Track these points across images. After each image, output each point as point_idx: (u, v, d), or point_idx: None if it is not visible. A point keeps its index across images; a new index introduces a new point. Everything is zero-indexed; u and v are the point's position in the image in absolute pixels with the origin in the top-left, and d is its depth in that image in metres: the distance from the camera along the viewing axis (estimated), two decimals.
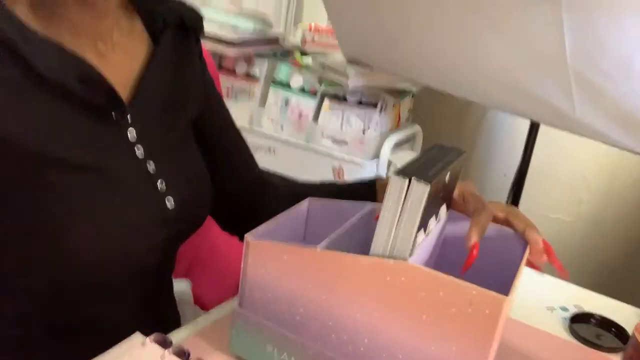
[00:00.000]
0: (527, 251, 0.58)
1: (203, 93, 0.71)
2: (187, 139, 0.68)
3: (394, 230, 0.47)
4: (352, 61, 1.49)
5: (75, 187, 0.52)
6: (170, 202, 0.60)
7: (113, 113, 0.56)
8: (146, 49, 0.63)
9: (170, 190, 0.61)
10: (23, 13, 0.53)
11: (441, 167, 0.50)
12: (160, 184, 0.60)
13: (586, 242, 1.72)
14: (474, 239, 0.54)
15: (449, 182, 0.55)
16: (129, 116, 0.58)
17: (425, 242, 0.53)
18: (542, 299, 0.79)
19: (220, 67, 1.71)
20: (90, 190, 0.53)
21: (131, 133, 0.58)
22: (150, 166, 0.59)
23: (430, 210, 0.52)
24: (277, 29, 1.79)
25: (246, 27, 1.62)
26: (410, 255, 0.49)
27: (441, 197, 0.56)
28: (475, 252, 0.53)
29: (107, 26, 0.58)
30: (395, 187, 0.47)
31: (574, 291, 0.83)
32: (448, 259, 0.61)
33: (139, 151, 0.59)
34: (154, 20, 0.64)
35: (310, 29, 1.66)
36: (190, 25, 0.66)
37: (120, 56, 0.60)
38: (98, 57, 0.57)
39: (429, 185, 0.45)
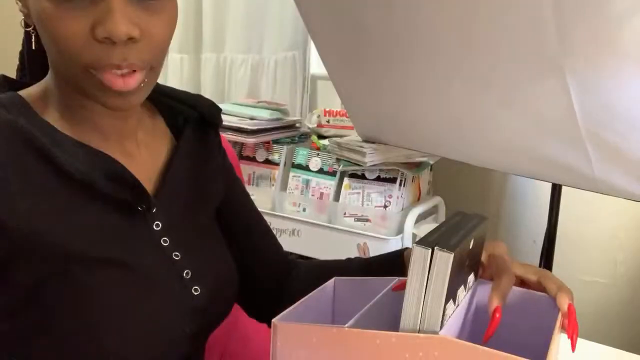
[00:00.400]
0: (560, 316, 0.56)
1: (224, 181, 0.73)
2: (212, 229, 0.70)
3: (422, 302, 0.47)
4: (367, 140, 1.53)
5: (101, 281, 0.53)
6: (197, 292, 0.61)
7: (139, 207, 0.58)
8: (169, 145, 0.66)
9: (196, 280, 0.61)
10: (54, 119, 0.57)
11: (464, 235, 0.50)
12: (186, 275, 0.61)
13: (626, 304, 1.65)
14: (494, 303, 0.53)
15: (473, 249, 0.55)
16: (154, 209, 0.59)
17: (456, 313, 0.52)
18: None
19: (240, 155, 1.76)
20: (116, 283, 0.54)
21: (157, 226, 0.60)
22: (177, 257, 0.60)
23: (457, 280, 0.51)
24: (293, 116, 1.86)
25: (263, 115, 1.69)
26: (441, 327, 0.48)
27: (468, 265, 0.55)
28: (497, 316, 0.52)
29: (131, 127, 0.62)
30: (419, 258, 0.46)
31: (615, 355, 0.79)
32: (481, 329, 0.60)
33: (166, 244, 0.60)
34: (174, 116, 0.68)
35: (325, 114, 1.72)
36: (210, 119, 0.70)
37: (144, 154, 0.63)
38: (124, 156, 0.60)
39: (453, 254, 0.45)
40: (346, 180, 1.59)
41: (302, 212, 1.64)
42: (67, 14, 0.50)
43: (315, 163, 1.66)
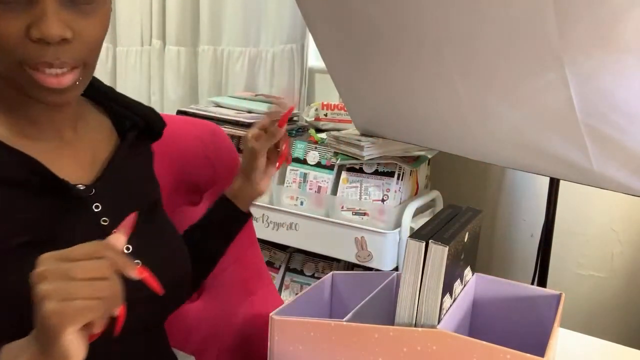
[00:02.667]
0: (560, 310, 0.56)
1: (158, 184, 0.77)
2: (158, 217, 0.73)
3: (417, 296, 0.47)
4: (365, 134, 1.53)
5: (21, 263, 0.53)
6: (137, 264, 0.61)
7: (76, 191, 0.61)
8: (113, 142, 0.70)
9: (135, 259, 0.62)
10: None
11: (458, 228, 0.50)
12: (126, 250, 0.62)
13: (623, 298, 1.65)
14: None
15: (468, 242, 0.55)
16: (93, 192, 0.62)
17: (453, 307, 0.52)
18: (581, 359, 0.75)
19: (238, 149, 1.76)
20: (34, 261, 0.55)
21: (97, 207, 0.62)
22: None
23: (453, 273, 0.51)
24: None
25: (261, 109, 1.68)
26: (439, 321, 0.48)
27: (463, 259, 0.55)
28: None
29: (68, 117, 0.64)
30: (413, 251, 0.46)
31: (612, 349, 0.79)
32: (480, 323, 0.60)
33: (105, 223, 0.62)
34: (121, 121, 0.71)
35: (322, 107, 1.72)
36: (155, 129, 0.73)
37: (85, 142, 0.66)
38: (62, 143, 0.63)
39: (448, 247, 0.45)
40: (344, 174, 1.59)
41: (299, 205, 1.64)
42: (3, 15, 0.53)
43: (313, 157, 1.65)
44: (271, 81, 1.97)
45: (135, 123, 0.71)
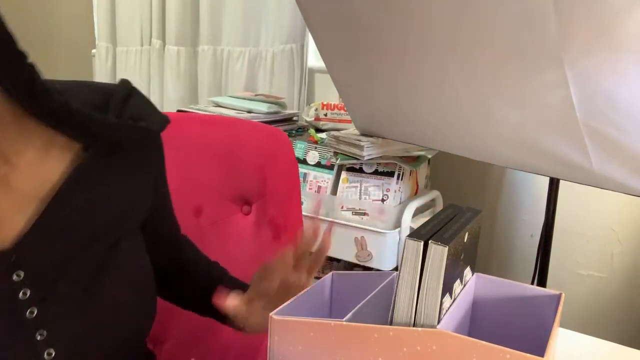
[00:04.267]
0: (560, 310, 0.56)
1: (151, 196, 0.66)
2: (118, 260, 0.61)
3: (415, 295, 0.47)
4: (365, 134, 1.53)
5: None
6: (50, 356, 0.55)
7: None
8: (69, 166, 0.59)
9: (52, 342, 0.56)
10: None
11: (458, 228, 0.50)
12: (39, 336, 0.55)
13: (623, 297, 1.65)
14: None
15: (468, 242, 0.55)
16: (14, 257, 0.54)
17: (453, 307, 0.52)
18: (581, 359, 0.75)
19: None
20: None
21: (18, 276, 0.54)
22: (32, 315, 0.55)
23: (453, 273, 0.51)
24: (291, 110, 1.86)
25: (261, 109, 1.69)
26: (439, 321, 0.48)
27: (463, 259, 0.55)
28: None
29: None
30: (411, 251, 0.46)
31: (611, 349, 0.79)
32: (479, 323, 0.60)
33: (25, 296, 0.54)
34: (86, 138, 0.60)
35: (322, 107, 1.72)
36: (121, 142, 0.62)
37: (26, 178, 0.56)
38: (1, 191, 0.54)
39: (447, 247, 0.45)
40: (344, 174, 1.59)
41: None
42: None
43: (312, 156, 1.65)
44: (271, 81, 1.97)
45: (91, 143, 0.59)
